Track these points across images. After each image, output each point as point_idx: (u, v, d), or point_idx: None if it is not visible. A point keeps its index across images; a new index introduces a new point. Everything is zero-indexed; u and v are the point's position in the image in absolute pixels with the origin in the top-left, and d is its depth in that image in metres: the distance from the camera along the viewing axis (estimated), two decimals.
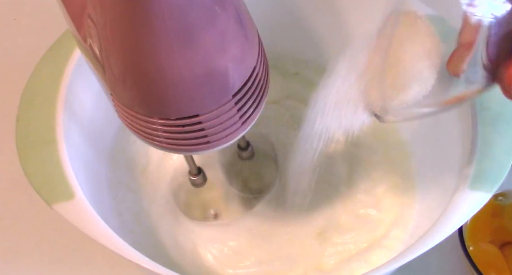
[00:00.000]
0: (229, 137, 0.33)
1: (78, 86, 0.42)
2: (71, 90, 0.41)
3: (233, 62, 0.30)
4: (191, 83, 0.29)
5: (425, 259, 0.35)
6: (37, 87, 0.41)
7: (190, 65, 0.28)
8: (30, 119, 0.39)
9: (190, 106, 0.30)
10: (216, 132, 0.32)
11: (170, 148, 0.33)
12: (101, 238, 0.35)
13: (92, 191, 0.40)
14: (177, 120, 0.31)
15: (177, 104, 0.30)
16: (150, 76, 0.28)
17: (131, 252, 0.35)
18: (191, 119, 0.31)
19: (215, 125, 0.32)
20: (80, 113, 0.43)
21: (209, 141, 0.33)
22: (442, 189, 0.41)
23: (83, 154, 0.42)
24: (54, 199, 0.36)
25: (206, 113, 0.31)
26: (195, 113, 0.31)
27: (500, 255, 0.45)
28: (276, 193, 0.49)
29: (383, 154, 0.50)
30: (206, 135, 0.32)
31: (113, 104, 0.33)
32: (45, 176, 0.37)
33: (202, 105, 0.30)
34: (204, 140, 0.33)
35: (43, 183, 0.37)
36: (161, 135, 0.32)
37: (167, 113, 0.31)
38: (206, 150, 0.34)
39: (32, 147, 0.38)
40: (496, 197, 0.47)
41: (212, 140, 0.33)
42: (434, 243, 0.35)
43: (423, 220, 0.44)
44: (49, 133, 0.38)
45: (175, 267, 0.45)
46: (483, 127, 0.38)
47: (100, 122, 0.46)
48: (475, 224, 0.46)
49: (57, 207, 0.36)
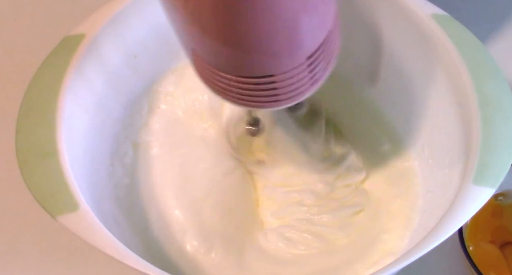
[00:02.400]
0: (298, 96, 0.36)
1: (77, 96, 0.42)
2: (70, 100, 0.41)
3: (312, 25, 0.32)
4: (272, 43, 0.31)
5: (425, 259, 0.35)
6: (35, 98, 0.40)
7: (275, 24, 0.30)
8: (30, 131, 0.39)
9: (267, 66, 0.32)
10: (286, 91, 0.35)
11: (239, 102, 0.36)
12: (107, 249, 0.35)
13: (94, 201, 0.40)
14: (252, 79, 0.33)
15: (256, 64, 0.32)
16: (238, 33, 0.30)
17: (138, 261, 0.35)
18: (265, 78, 0.33)
19: (286, 85, 0.34)
20: (80, 123, 0.43)
21: (278, 99, 0.35)
22: (445, 186, 0.41)
23: (85, 165, 0.42)
24: (59, 211, 0.36)
25: (280, 74, 0.33)
26: (271, 73, 0.33)
27: (500, 255, 0.45)
28: None
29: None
30: (276, 93, 0.34)
31: (191, 58, 0.35)
32: (48, 188, 0.37)
33: (278, 66, 0.32)
34: (273, 98, 0.35)
35: (46, 195, 0.36)
36: (234, 90, 0.34)
37: (245, 72, 0.33)
38: (274, 107, 0.36)
39: (33, 159, 0.38)
40: (496, 197, 0.47)
41: (282, 99, 0.35)
42: (440, 239, 0.35)
43: (427, 217, 0.44)
44: (50, 144, 0.38)
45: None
46: (483, 122, 0.39)
47: (98, 131, 0.46)
48: (475, 224, 0.46)
49: (61, 218, 0.35)
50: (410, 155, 0.49)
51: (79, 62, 0.42)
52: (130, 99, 0.49)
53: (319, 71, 0.35)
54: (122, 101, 0.48)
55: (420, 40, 0.43)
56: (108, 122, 0.47)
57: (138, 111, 0.49)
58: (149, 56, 0.48)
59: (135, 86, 0.49)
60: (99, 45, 0.43)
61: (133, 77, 0.48)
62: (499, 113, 0.39)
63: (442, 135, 0.44)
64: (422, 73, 0.45)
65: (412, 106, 0.47)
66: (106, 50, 0.44)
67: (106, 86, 0.46)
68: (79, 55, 0.42)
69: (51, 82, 0.41)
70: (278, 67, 0.33)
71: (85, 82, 0.43)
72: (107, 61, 0.45)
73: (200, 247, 0.46)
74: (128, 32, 0.46)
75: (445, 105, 0.43)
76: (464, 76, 0.40)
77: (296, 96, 0.36)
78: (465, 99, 0.40)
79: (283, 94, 0.35)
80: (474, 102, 0.39)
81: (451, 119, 0.42)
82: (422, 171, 0.48)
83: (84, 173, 0.42)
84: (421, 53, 0.44)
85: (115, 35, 0.44)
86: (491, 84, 0.40)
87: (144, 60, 0.48)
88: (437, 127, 0.45)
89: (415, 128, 0.48)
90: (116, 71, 0.46)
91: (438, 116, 0.44)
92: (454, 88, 0.41)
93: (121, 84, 0.47)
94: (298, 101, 0.36)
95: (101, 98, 0.45)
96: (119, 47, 0.46)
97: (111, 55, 0.45)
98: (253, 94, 0.35)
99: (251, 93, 0.34)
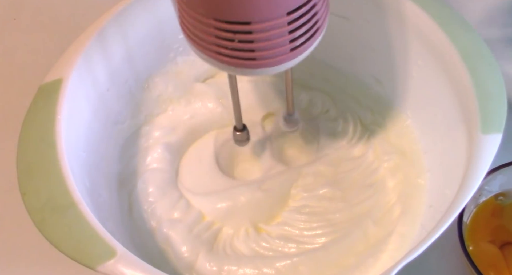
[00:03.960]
0: (276, 59, 0.35)
1: (74, 142, 0.42)
2: (69, 149, 0.40)
3: None
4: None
5: (425, 258, 0.35)
6: (30, 156, 0.39)
7: None
8: (38, 190, 0.38)
9: (245, 10, 0.32)
10: (264, 49, 0.34)
11: (218, 58, 0.35)
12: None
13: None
14: (229, 24, 0.33)
15: (234, 5, 0.32)
16: None
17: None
18: (242, 26, 0.33)
19: (264, 39, 0.34)
20: (86, 166, 0.43)
21: (255, 58, 0.35)
22: (452, 143, 0.43)
23: (108, 209, 0.43)
24: (97, 261, 0.35)
25: (258, 22, 0.33)
26: (248, 20, 0.33)
27: (500, 255, 0.45)
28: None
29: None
30: (254, 49, 0.34)
31: (176, 8, 0.36)
32: (77, 241, 0.36)
33: (256, 11, 0.32)
34: (251, 55, 0.35)
35: (78, 248, 0.36)
36: (213, 41, 0.34)
37: (223, 14, 0.33)
38: (252, 70, 0.36)
39: (51, 216, 0.37)
40: (496, 196, 0.47)
41: (259, 57, 0.35)
42: (469, 195, 0.37)
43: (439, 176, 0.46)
44: (64, 197, 0.37)
45: None
46: (471, 73, 0.41)
47: (103, 171, 0.47)
48: (475, 223, 0.46)
49: (102, 268, 0.35)
50: (402, 116, 0.51)
51: (63, 107, 0.41)
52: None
53: (300, 39, 0.35)
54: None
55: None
56: (111, 156, 0.50)
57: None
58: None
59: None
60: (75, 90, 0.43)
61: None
62: (482, 61, 0.41)
63: (428, 94, 0.47)
64: (397, 40, 0.48)
65: (396, 71, 0.50)
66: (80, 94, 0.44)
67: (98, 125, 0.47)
68: (62, 101, 0.41)
69: (41, 137, 0.40)
70: (256, 12, 0.33)
71: (78, 124, 0.43)
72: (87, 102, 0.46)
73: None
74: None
75: (428, 64, 0.45)
76: (439, 33, 0.43)
77: (274, 61, 0.35)
78: (447, 54, 0.42)
79: (260, 52, 0.34)
80: (456, 55, 0.42)
81: (435, 76, 0.44)
82: (418, 129, 0.50)
83: (109, 214, 0.43)
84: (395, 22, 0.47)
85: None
86: (466, 37, 0.42)
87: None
88: (422, 87, 0.48)
89: (401, 90, 0.51)
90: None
91: (423, 77, 0.47)
92: (434, 49, 0.44)
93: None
94: (278, 70, 0.36)
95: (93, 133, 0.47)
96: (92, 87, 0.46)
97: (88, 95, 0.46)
98: (231, 46, 0.34)
99: (229, 45, 0.34)
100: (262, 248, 0.47)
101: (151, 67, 0.52)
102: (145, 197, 0.50)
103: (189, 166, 0.52)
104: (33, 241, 0.51)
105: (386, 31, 0.48)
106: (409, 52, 0.47)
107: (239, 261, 0.46)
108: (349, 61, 0.54)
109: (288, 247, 0.47)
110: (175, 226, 0.48)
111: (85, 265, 0.35)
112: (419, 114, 0.49)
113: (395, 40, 0.48)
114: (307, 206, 0.49)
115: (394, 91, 0.51)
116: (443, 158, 0.45)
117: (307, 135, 0.53)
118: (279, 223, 0.49)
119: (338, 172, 0.51)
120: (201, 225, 0.49)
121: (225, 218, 0.49)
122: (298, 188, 0.50)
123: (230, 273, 0.46)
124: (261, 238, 0.48)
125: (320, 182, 0.50)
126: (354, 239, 0.47)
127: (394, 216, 0.47)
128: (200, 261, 0.46)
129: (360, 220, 0.48)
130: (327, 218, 0.48)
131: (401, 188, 0.49)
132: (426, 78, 0.47)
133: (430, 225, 0.39)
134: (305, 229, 0.48)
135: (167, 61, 0.53)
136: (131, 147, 0.52)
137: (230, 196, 0.50)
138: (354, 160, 0.52)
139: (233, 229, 0.49)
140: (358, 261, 0.45)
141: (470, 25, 0.43)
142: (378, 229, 0.47)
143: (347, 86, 0.55)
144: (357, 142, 0.52)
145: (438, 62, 0.44)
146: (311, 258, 0.46)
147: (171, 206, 0.49)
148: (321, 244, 0.47)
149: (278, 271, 0.46)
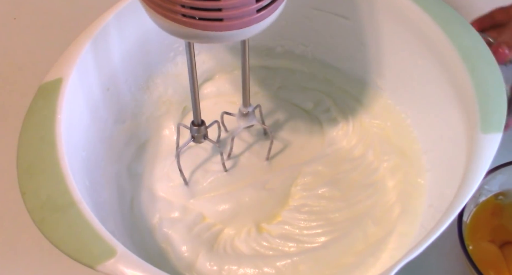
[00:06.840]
0: (243, 21, 0.34)
1: (74, 141, 0.42)
2: (69, 148, 0.40)
3: None
4: None
5: (424, 258, 0.35)
6: (30, 156, 0.39)
7: None
8: (38, 189, 0.38)
9: None
10: (230, 7, 0.34)
11: (185, 22, 0.34)
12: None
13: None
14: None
15: None
16: None
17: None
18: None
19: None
20: (86, 166, 0.43)
21: (222, 19, 0.34)
22: (452, 143, 0.43)
23: (108, 209, 0.43)
24: (97, 260, 0.35)
25: None
26: None
27: (500, 255, 0.45)
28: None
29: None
30: (221, 7, 0.33)
31: None
32: (77, 240, 0.36)
33: None
34: (218, 15, 0.34)
35: (77, 248, 0.36)
36: (179, 1, 0.33)
37: None
38: (219, 33, 0.35)
39: (51, 216, 0.37)
40: (496, 196, 0.47)
41: (226, 17, 0.34)
42: (470, 192, 0.37)
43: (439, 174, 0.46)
44: (64, 197, 0.37)
45: None
46: (471, 73, 0.41)
47: (103, 171, 0.47)
48: (475, 223, 0.46)
49: (102, 267, 0.35)
50: (401, 116, 0.51)
51: (64, 106, 0.41)
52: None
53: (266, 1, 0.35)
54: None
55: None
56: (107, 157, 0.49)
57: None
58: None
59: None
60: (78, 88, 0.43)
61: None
62: (482, 61, 0.41)
63: (428, 94, 0.47)
64: (397, 40, 0.48)
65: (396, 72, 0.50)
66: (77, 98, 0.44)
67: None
68: (62, 100, 0.41)
69: (41, 138, 0.40)
70: None
71: (77, 126, 0.43)
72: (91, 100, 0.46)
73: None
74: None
75: (428, 64, 0.46)
76: (439, 33, 0.43)
77: (241, 23, 0.35)
78: (447, 54, 0.43)
79: (227, 9, 0.34)
80: (456, 55, 0.42)
81: (435, 76, 0.45)
82: (418, 129, 0.50)
83: (108, 214, 0.43)
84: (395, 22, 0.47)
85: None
86: (466, 37, 0.43)
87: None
88: (422, 87, 0.48)
89: (401, 90, 0.51)
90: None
91: (423, 77, 0.47)
92: (434, 49, 0.44)
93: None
94: (245, 35, 0.36)
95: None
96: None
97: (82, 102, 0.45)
98: (197, 5, 0.33)
99: (194, 3, 0.33)
100: (262, 248, 0.47)
101: (151, 66, 0.52)
102: (145, 196, 0.50)
103: (189, 166, 0.52)
104: (33, 240, 0.51)
105: (386, 31, 0.48)
106: (409, 52, 0.47)
107: (239, 260, 0.47)
108: (349, 61, 0.54)
109: (288, 246, 0.47)
110: (175, 226, 0.48)
111: (85, 265, 0.35)
112: (419, 114, 0.49)
113: (395, 40, 0.48)
114: (306, 205, 0.49)
115: (394, 91, 0.51)
116: (443, 157, 0.45)
117: (310, 133, 0.54)
118: (280, 222, 0.49)
119: (337, 172, 0.51)
120: (201, 225, 0.49)
121: (228, 220, 0.49)
122: (298, 187, 0.50)
123: (231, 272, 0.46)
124: (261, 237, 0.48)
125: (319, 181, 0.50)
126: (354, 239, 0.47)
127: (393, 216, 0.47)
128: (200, 261, 0.46)
129: (360, 219, 0.48)
130: (326, 217, 0.48)
131: (400, 188, 0.49)
132: (426, 78, 0.47)
133: (430, 225, 0.39)
134: (305, 228, 0.48)
135: (167, 61, 0.53)
136: (131, 147, 0.52)
137: (234, 198, 0.50)
138: (354, 160, 0.52)
139: (235, 230, 0.49)
140: (358, 261, 0.45)
141: (470, 25, 0.43)
142: (378, 228, 0.47)
143: (347, 86, 0.55)
144: (357, 142, 0.52)
145: (438, 62, 0.44)
146: (311, 257, 0.46)
147: (171, 206, 0.50)
148: (321, 243, 0.47)
149: (279, 270, 0.46)
